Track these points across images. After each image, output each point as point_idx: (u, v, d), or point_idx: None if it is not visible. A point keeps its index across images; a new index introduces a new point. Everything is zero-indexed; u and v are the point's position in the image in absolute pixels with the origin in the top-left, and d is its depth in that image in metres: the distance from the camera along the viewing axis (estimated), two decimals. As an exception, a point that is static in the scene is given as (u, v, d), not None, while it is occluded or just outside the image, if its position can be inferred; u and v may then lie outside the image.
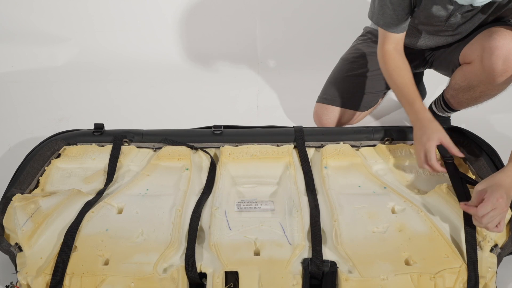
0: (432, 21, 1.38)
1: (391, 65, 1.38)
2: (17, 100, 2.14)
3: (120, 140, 1.40)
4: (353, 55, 1.72)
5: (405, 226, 1.09)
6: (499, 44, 1.26)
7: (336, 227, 1.08)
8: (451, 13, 1.32)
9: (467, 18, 1.35)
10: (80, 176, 1.31)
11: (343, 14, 2.48)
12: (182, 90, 2.22)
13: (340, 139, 1.41)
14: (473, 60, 1.38)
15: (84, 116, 1.99)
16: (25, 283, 0.99)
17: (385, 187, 1.22)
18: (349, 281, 0.97)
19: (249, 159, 1.33)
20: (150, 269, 0.98)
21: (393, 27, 1.36)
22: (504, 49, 1.26)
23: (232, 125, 1.47)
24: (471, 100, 1.49)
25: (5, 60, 2.43)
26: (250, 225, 1.10)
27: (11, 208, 1.11)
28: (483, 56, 1.32)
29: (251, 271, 0.98)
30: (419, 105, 1.27)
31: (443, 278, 0.97)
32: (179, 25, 2.54)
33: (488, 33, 1.32)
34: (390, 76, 1.38)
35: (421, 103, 1.28)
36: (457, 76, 1.47)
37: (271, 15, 2.52)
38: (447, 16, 1.34)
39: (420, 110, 1.26)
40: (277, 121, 1.90)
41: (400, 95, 1.35)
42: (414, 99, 1.29)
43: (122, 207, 1.16)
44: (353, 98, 1.69)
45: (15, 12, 2.47)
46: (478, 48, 1.35)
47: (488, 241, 1.04)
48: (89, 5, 2.49)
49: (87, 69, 2.41)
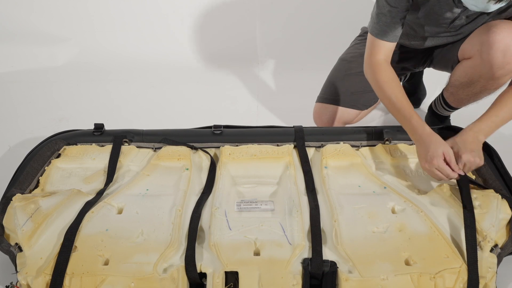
0: (437, 23, 1.38)
1: (383, 77, 1.32)
2: (17, 100, 2.14)
3: (120, 140, 1.40)
4: (351, 54, 1.72)
5: (405, 226, 1.09)
6: (498, 37, 1.26)
7: (336, 227, 1.08)
8: (457, 16, 1.32)
9: (471, 19, 1.35)
10: (80, 176, 1.31)
11: (342, 14, 2.49)
12: (182, 90, 2.22)
13: (340, 139, 1.40)
14: (472, 55, 1.37)
15: (84, 116, 1.99)
16: (25, 283, 0.99)
17: (385, 187, 1.22)
18: (349, 281, 0.97)
19: (249, 159, 1.33)
20: (150, 269, 0.98)
21: (387, 35, 1.33)
22: (503, 42, 1.25)
23: (232, 125, 1.47)
24: (471, 96, 1.48)
25: (5, 60, 2.44)
26: (250, 225, 1.10)
27: (11, 208, 1.11)
28: (482, 50, 1.31)
29: (251, 271, 0.98)
30: (416, 120, 1.23)
31: (443, 278, 0.97)
32: (179, 25, 2.54)
33: (487, 27, 1.31)
34: (381, 88, 1.32)
35: (418, 117, 1.24)
36: (457, 73, 1.47)
37: (271, 15, 2.52)
38: (452, 19, 1.33)
39: (419, 125, 1.22)
40: (277, 121, 1.91)
41: (394, 109, 1.29)
42: (411, 114, 1.24)
43: (122, 207, 1.16)
44: (352, 96, 1.69)
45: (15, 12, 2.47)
46: (477, 43, 1.34)
47: (488, 241, 1.04)
48: (89, 5, 2.49)
49: (87, 69, 2.42)
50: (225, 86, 2.26)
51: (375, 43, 1.36)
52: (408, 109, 1.26)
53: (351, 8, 2.45)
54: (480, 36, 1.33)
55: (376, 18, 1.33)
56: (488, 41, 1.28)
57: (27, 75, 2.36)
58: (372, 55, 1.37)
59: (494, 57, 1.27)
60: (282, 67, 2.44)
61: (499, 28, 1.26)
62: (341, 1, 2.47)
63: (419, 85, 1.95)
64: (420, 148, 1.21)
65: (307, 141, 1.40)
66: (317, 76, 1.91)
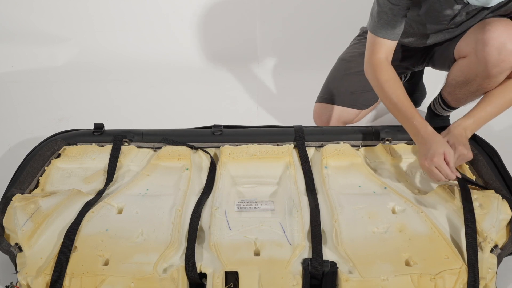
0: (437, 21, 1.38)
1: (384, 76, 1.32)
2: (17, 100, 2.14)
3: (120, 140, 1.40)
4: (350, 54, 1.72)
5: (406, 226, 1.09)
6: (493, 35, 1.25)
7: (336, 227, 1.08)
8: (457, 13, 1.32)
9: (471, 15, 1.35)
10: (80, 176, 1.31)
11: (342, 14, 2.48)
12: (182, 90, 2.22)
13: (340, 139, 1.40)
14: (468, 53, 1.36)
15: (84, 116, 1.99)
16: (25, 283, 0.98)
17: (385, 187, 1.22)
18: (349, 281, 0.96)
19: (249, 159, 1.33)
20: (150, 269, 0.98)
21: (388, 33, 1.32)
22: (498, 40, 1.24)
23: (232, 125, 1.47)
24: (468, 96, 1.47)
25: (5, 60, 2.44)
26: (250, 225, 1.10)
27: (11, 208, 1.11)
28: (477, 48, 1.30)
29: (251, 271, 0.98)
30: (418, 119, 1.23)
31: (443, 279, 0.97)
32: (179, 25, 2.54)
33: (482, 25, 1.30)
34: (382, 88, 1.31)
35: (420, 117, 1.24)
36: (453, 72, 1.47)
37: (271, 15, 2.52)
38: (453, 16, 1.33)
39: (421, 126, 1.22)
40: (277, 121, 1.91)
41: (395, 109, 1.29)
42: (413, 114, 1.24)
43: (122, 207, 1.16)
44: (352, 96, 1.69)
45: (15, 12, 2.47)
46: (472, 41, 1.33)
47: (489, 242, 1.04)
48: (89, 5, 2.49)
49: (87, 69, 2.42)
50: (225, 86, 2.26)
51: (376, 41, 1.35)
52: (409, 108, 1.26)
53: (351, 8, 2.44)
54: (475, 34, 1.32)
55: (377, 16, 1.33)
56: (483, 39, 1.27)
57: (27, 75, 2.36)
58: (373, 54, 1.36)
59: (489, 54, 1.26)
60: (282, 67, 2.44)
61: (494, 26, 1.25)
62: (341, 1, 2.47)
63: (419, 85, 1.95)
64: (422, 147, 1.20)
65: (307, 141, 1.40)
66: (317, 76, 1.91)
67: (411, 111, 1.25)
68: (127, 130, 1.44)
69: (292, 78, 2.30)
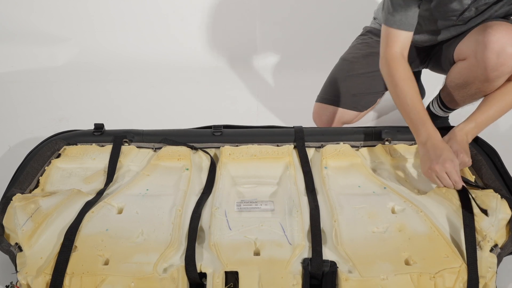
0: (445, 16, 1.37)
1: (400, 74, 1.28)
2: (17, 100, 2.14)
3: (120, 140, 1.40)
4: (353, 55, 1.71)
5: (405, 226, 1.09)
6: (494, 38, 1.24)
7: (336, 227, 1.08)
8: (466, 8, 1.31)
9: (480, 11, 1.34)
10: (80, 176, 1.31)
11: (342, 14, 2.49)
12: (182, 90, 2.22)
13: (340, 139, 1.41)
14: (467, 56, 1.35)
15: (84, 116, 1.99)
16: (25, 283, 0.99)
17: (385, 187, 1.22)
18: (349, 281, 0.97)
19: (249, 159, 1.33)
20: (150, 269, 0.98)
21: (403, 23, 1.29)
22: (498, 43, 1.23)
23: (232, 125, 1.47)
24: (467, 98, 1.47)
25: (5, 60, 2.44)
26: (250, 225, 1.10)
27: (11, 208, 1.11)
28: (477, 51, 1.29)
29: (251, 271, 0.98)
30: (430, 125, 1.22)
31: (443, 278, 0.97)
32: (179, 25, 2.54)
33: (483, 27, 1.29)
34: (396, 86, 1.28)
35: (431, 123, 1.23)
36: (452, 74, 1.46)
37: (271, 15, 2.52)
38: (462, 11, 1.33)
39: (433, 130, 1.21)
40: (277, 121, 1.91)
41: (407, 110, 1.26)
42: (426, 119, 1.22)
43: (122, 207, 1.16)
44: (353, 98, 1.68)
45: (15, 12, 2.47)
46: (472, 44, 1.32)
47: (488, 241, 1.04)
48: (89, 5, 2.50)
49: (87, 69, 2.42)
50: (225, 86, 2.27)
51: (391, 34, 1.32)
52: (422, 112, 1.24)
53: (351, 8, 2.45)
54: (475, 37, 1.31)
55: (391, 7, 1.30)
56: (483, 41, 1.26)
57: (27, 75, 2.36)
58: (388, 47, 1.32)
59: (488, 58, 1.25)
60: (282, 67, 2.44)
61: (494, 29, 1.24)
62: (341, 1, 2.47)
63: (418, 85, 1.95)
64: (432, 152, 1.17)
65: (307, 141, 1.40)
66: (317, 76, 1.91)
67: (424, 115, 1.23)
68: (127, 130, 1.44)
69: (292, 78, 2.30)
